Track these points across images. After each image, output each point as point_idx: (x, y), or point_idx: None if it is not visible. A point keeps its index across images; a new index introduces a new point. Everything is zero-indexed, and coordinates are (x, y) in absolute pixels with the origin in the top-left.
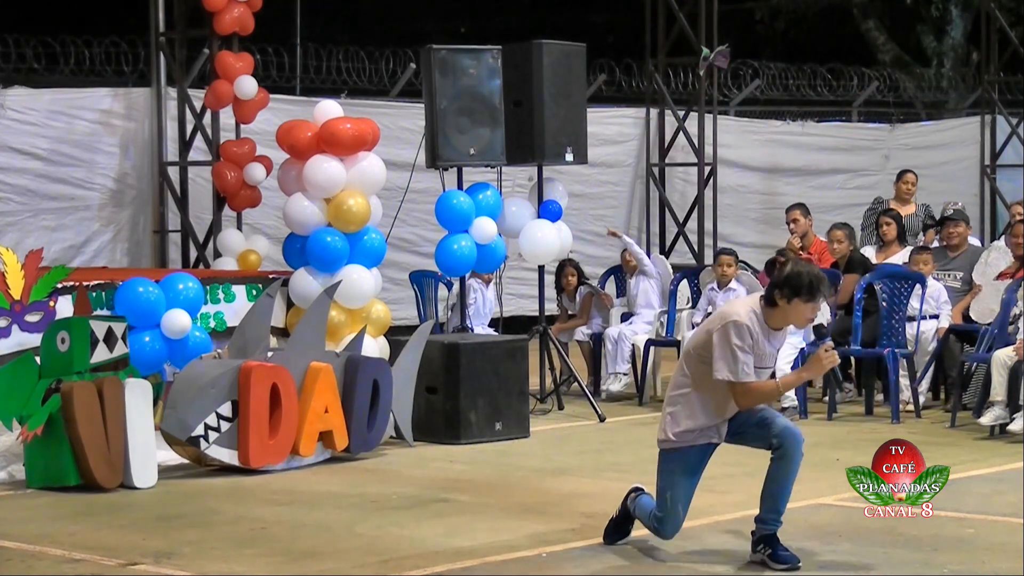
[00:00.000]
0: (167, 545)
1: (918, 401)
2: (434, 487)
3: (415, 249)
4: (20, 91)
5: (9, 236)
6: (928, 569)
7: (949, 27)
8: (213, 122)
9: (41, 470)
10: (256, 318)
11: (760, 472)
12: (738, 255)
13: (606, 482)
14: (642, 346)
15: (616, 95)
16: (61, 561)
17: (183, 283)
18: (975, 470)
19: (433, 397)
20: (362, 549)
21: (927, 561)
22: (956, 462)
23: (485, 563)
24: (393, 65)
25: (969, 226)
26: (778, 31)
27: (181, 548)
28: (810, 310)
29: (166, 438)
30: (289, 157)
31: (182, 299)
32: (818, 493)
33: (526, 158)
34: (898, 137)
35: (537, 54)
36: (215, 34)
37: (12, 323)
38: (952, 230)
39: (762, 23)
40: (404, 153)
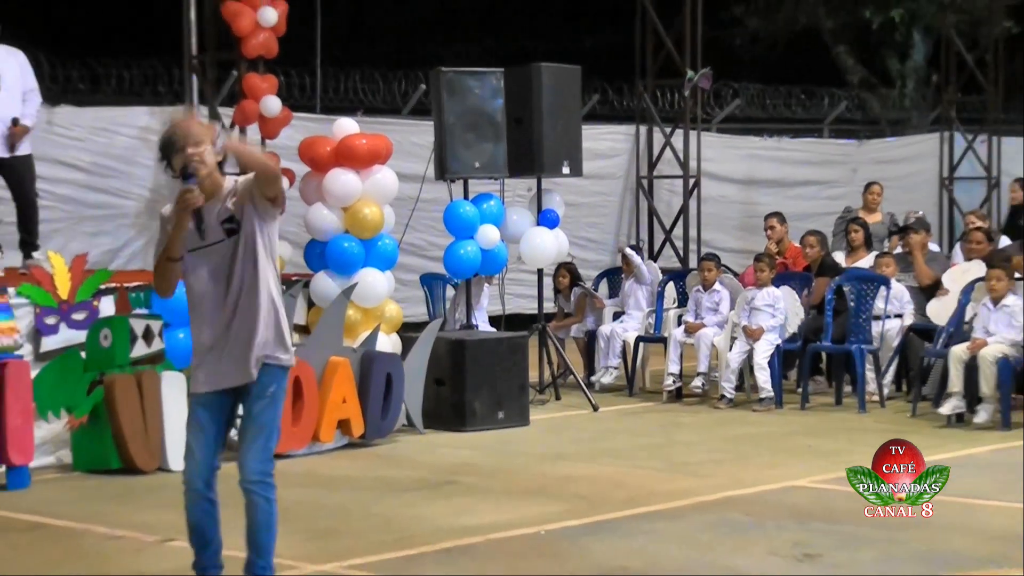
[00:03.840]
0: None
1: (883, 392)
2: (442, 471)
3: (425, 253)
4: (66, 109)
5: (55, 241)
6: (892, 545)
7: (912, 51)
8: (241, 137)
9: (86, 455)
10: None
11: (743, 459)
12: (720, 259)
13: (600, 466)
14: (632, 342)
15: (608, 113)
16: (104, 538)
17: None
18: (934, 455)
19: (441, 388)
20: (377, 527)
21: (891, 538)
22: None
23: (488, 540)
24: (405, 86)
25: (929, 233)
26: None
27: None
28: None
29: None
30: (310, 170)
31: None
32: (793, 476)
33: (526, 171)
34: (865, 152)
35: (536, 76)
36: (243, 57)
37: (60, 321)
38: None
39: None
40: (415, 166)
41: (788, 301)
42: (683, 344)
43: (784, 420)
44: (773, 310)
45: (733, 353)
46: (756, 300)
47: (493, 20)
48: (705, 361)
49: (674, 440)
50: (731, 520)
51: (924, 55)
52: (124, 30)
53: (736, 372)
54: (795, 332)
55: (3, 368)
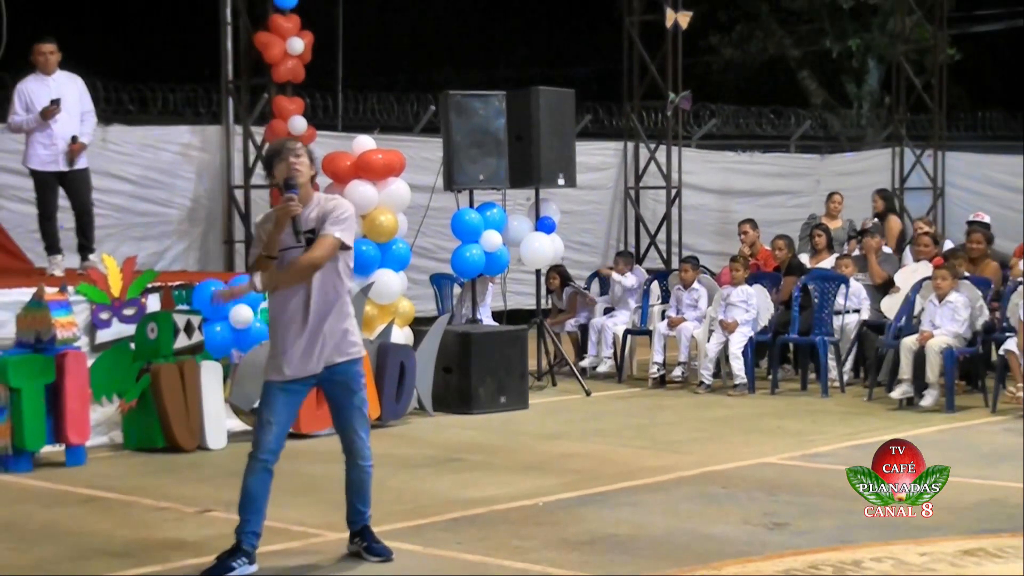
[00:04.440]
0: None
1: (843, 379)
2: (450, 449)
3: (434, 256)
4: (118, 128)
5: (107, 245)
6: (850, 515)
7: (867, 77)
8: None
9: (135, 435)
10: None
11: (719, 438)
12: (698, 261)
13: (592, 444)
14: (621, 335)
15: (599, 131)
16: (151, 509)
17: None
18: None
19: (449, 376)
20: (391, 499)
21: (850, 509)
22: (873, 428)
23: (492, 510)
24: (417, 107)
25: (883, 237)
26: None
27: None
28: (285, 167)
29: (233, 409)
30: (332, 181)
31: (246, 297)
32: (763, 453)
33: (526, 182)
34: (827, 165)
35: (535, 98)
36: (273, 82)
37: (112, 316)
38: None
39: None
40: (426, 178)
41: (759, 298)
42: (666, 336)
43: (756, 403)
44: (746, 306)
45: (711, 344)
46: (731, 297)
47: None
48: (686, 351)
49: (658, 421)
50: (709, 492)
51: (877, 80)
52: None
53: (713, 361)
54: (766, 325)
55: (63, 358)
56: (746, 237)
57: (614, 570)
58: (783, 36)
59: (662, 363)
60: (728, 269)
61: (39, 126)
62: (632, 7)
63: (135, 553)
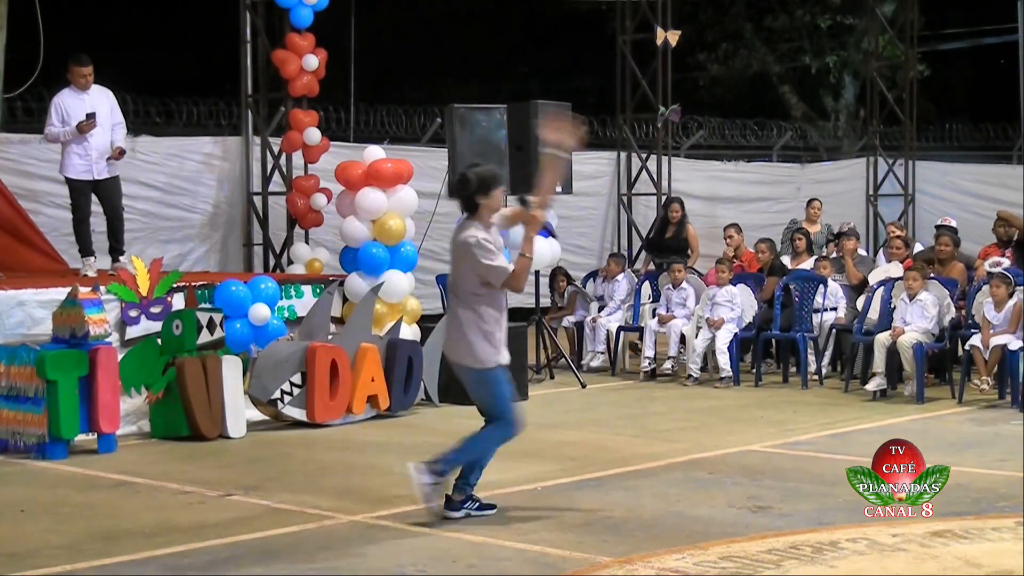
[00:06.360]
0: (254, 480)
1: (821, 372)
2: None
3: (440, 258)
4: (146, 139)
5: (135, 247)
6: (828, 499)
7: (843, 91)
8: (287, 163)
9: (161, 424)
10: (319, 310)
11: (706, 427)
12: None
13: (587, 433)
14: (614, 331)
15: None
16: (176, 493)
17: (264, 283)
18: (862, 424)
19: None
20: (400, 483)
21: (828, 493)
22: (849, 418)
23: (493, 494)
24: (424, 119)
25: (859, 240)
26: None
27: (264, 483)
28: (499, 195)
29: (252, 400)
30: (344, 189)
31: (264, 296)
32: (747, 442)
33: (526, 190)
34: (807, 174)
35: (534, 110)
36: (289, 96)
37: (141, 313)
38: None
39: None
40: (432, 186)
41: (744, 297)
42: (657, 333)
43: (740, 395)
44: (732, 304)
45: (698, 340)
46: (717, 296)
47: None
48: (675, 347)
49: (649, 412)
50: (696, 477)
51: (853, 94)
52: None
53: (701, 355)
54: (750, 322)
55: (95, 352)
56: (731, 241)
57: (608, 550)
58: (766, 54)
59: (653, 358)
60: (715, 270)
61: (75, 138)
62: (625, 26)
63: (162, 533)
